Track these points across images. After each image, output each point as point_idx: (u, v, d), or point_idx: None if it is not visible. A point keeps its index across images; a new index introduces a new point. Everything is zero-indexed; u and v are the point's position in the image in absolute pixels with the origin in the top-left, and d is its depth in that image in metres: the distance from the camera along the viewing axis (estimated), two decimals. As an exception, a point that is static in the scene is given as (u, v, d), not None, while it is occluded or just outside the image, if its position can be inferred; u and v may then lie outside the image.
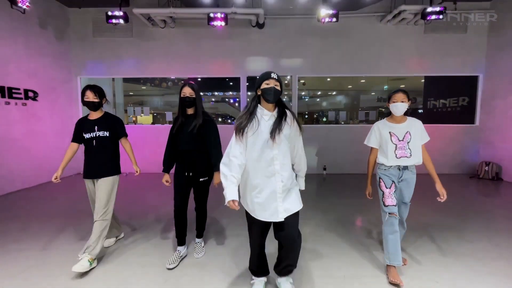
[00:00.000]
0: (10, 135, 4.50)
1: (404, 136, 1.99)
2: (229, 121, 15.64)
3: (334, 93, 15.97)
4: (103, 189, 2.21)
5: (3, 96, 4.38)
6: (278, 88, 1.53)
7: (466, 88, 6.21)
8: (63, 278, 1.94)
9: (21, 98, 4.69)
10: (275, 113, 1.57)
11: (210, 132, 2.16)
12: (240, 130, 1.51)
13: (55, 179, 2.18)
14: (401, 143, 1.99)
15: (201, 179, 2.19)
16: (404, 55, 5.85)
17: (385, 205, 1.98)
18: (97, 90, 2.29)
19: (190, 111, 2.19)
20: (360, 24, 5.78)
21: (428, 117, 7.64)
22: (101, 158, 2.27)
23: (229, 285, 1.87)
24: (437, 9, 4.77)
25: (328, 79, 11.87)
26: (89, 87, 2.27)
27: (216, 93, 13.94)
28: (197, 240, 2.40)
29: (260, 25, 5.66)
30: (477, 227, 2.91)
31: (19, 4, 4.11)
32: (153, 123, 9.09)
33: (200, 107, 2.18)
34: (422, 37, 5.78)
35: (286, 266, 1.69)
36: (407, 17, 5.33)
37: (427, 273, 2.02)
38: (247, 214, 1.64)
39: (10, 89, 4.48)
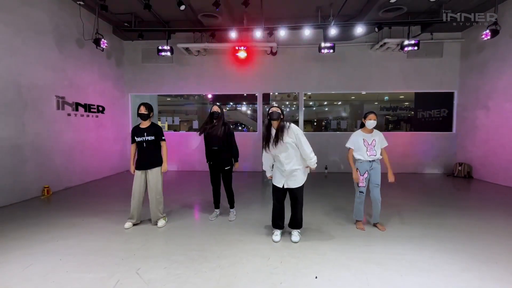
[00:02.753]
0: (87, 140, 6.07)
1: (372, 141, 3.11)
2: (239, 128, 17.09)
3: (340, 103, 17.28)
4: (155, 176, 3.14)
5: (85, 111, 5.98)
6: (278, 110, 2.63)
7: (446, 102, 7.43)
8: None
9: (95, 112, 6.29)
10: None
11: (231, 137, 3.37)
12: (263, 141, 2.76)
13: (133, 172, 3.16)
14: (370, 146, 3.11)
15: (226, 168, 3.38)
16: (391, 75, 7.17)
17: (358, 186, 3.18)
18: (148, 106, 3.12)
19: (215, 122, 3.29)
20: (354, 51, 7.17)
21: (418, 125, 8.84)
22: (150, 155, 3.12)
23: (256, 235, 3.07)
24: (413, 42, 6.09)
25: (333, 92, 13.23)
26: (142, 104, 3.09)
27: (231, 104, 15.61)
28: (231, 210, 3.61)
29: (273, 53, 7.14)
30: (450, 212, 4.13)
31: (102, 46, 5.74)
32: (175, 130, 10.70)
33: (223, 119, 3.32)
34: (405, 61, 7.10)
35: (294, 222, 2.85)
36: (391, 46, 6.67)
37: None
38: (273, 185, 2.86)
39: (89, 105, 6.09)
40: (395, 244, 2.80)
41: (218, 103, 3.40)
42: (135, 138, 3.15)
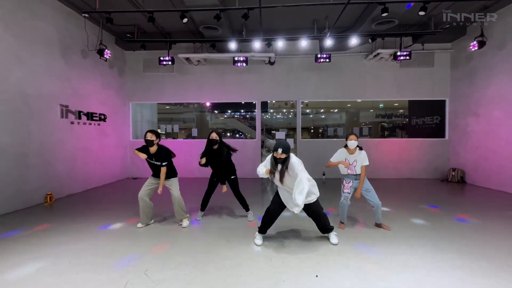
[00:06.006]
0: (89, 147, 6.16)
1: (353, 162, 3.28)
2: (237, 135, 17.26)
3: (336, 110, 17.59)
4: (173, 186, 3.47)
5: (88, 119, 6.09)
6: (283, 157, 2.66)
7: (438, 109, 7.68)
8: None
9: (97, 120, 6.40)
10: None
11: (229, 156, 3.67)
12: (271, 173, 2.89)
13: (160, 192, 3.35)
14: (351, 167, 3.29)
15: (231, 177, 3.74)
16: (385, 84, 7.43)
17: (343, 192, 3.40)
18: (154, 132, 3.29)
19: (214, 147, 3.58)
20: (349, 61, 7.44)
21: (412, 132, 9.07)
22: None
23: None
24: (405, 52, 6.37)
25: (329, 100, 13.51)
26: (149, 131, 3.27)
27: (229, 111, 15.85)
28: (248, 212, 3.89)
29: (271, 63, 7.38)
30: (444, 216, 4.30)
31: (105, 56, 5.92)
32: (173, 138, 10.79)
33: (222, 144, 3.60)
34: (398, 70, 7.38)
35: (325, 229, 2.98)
36: (385, 56, 6.95)
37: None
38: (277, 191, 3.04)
39: (91, 114, 6.21)
40: (391, 244, 2.93)
41: (216, 130, 3.56)
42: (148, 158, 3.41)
